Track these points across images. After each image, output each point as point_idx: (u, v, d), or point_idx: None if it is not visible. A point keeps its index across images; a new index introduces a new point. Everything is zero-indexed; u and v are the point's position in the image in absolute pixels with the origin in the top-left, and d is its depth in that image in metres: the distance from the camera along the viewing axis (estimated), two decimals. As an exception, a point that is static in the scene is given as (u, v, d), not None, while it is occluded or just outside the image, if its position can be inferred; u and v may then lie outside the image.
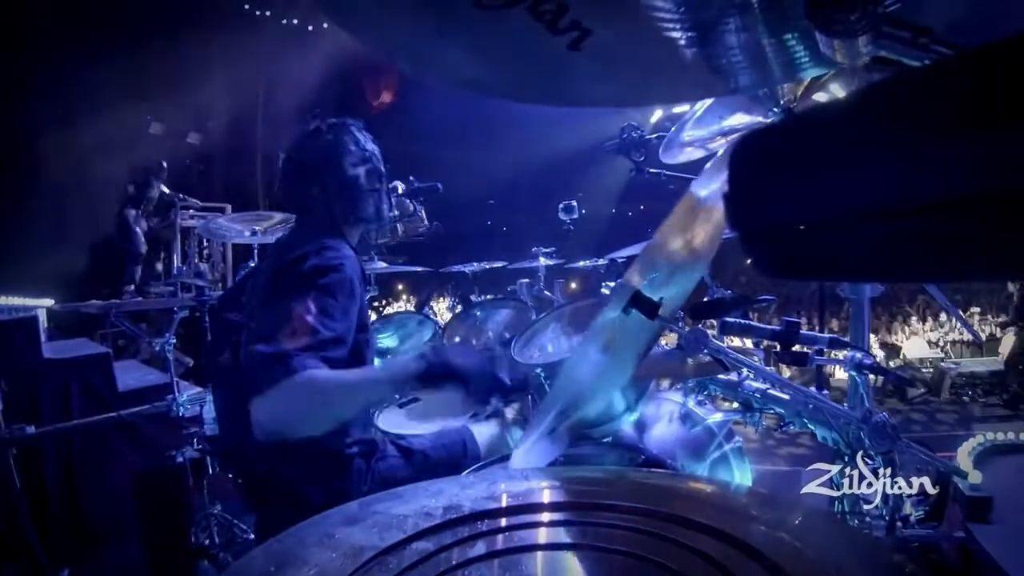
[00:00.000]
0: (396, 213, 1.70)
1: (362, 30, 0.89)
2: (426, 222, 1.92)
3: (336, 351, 1.22)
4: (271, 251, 1.47)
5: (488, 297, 3.29)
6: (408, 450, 1.52)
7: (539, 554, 0.69)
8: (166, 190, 6.66)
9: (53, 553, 2.24)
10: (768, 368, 1.42)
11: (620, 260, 3.28)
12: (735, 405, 1.81)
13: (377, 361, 2.41)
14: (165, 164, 6.72)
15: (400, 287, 8.67)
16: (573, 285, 5.53)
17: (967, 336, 5.32)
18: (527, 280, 3.69)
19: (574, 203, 3.57)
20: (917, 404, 4.60)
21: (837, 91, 1.38)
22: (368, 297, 1.52)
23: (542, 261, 3.64)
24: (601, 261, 3.64)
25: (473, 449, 1.60)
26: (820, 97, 1.41)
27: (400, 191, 1.96)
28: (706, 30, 0.79)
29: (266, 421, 1.13)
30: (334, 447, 1.37)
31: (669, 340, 2.03)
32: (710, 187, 0.99)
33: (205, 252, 7.09)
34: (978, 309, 6.02)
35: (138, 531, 2.37)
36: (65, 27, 6.21)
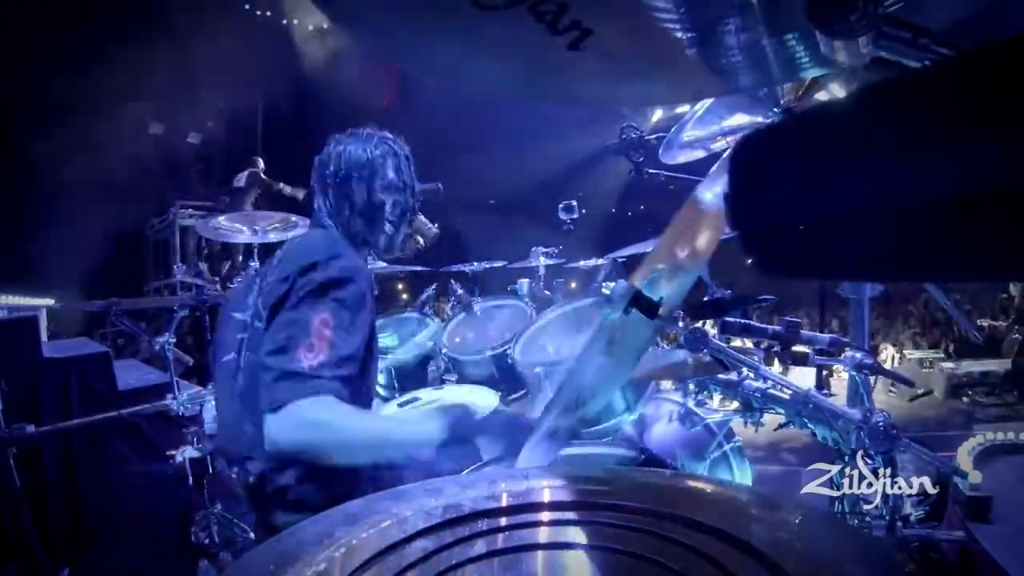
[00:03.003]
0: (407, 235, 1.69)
1: (363, 30, 0.89)
2: (435, 229, 1.92)
3: (351, 367, 1.23)
4: (282, 253, 1.46)
5: (488, 297, 3.29)
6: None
7: (539, 553, 0.69)
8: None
9: (53, 553, 2.24)
10: (767, 368, 1.42)
11: (620, 260, 3.29)
12: (735, 405, 1.81)
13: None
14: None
15: (400, 287, 8.66)
16: (573, 285, 5.52)
17: (971, 336, 5.31)
18: (527, 280, 3.70)
19: (574, 203, 3.57)
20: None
21: (837, 91, 1.37)
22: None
23: (542, 261, 3.64)
24: (601, 261, 3.65)
25: (479, 455, 1.59)
26: (820, 97, 1.41)
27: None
28: (706, 30, 0.79)
29: (278, 439, 1.14)
30: None
31: (669, 340, 2.03)
32: (714, 190, 0.99)
33: (205, 252, 7.09)
34: (971, 308, 6.02)
35: (138, 531, 2.37)
36: (65, 27, 6.22)
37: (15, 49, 5.99)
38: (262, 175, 7.10)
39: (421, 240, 1.91)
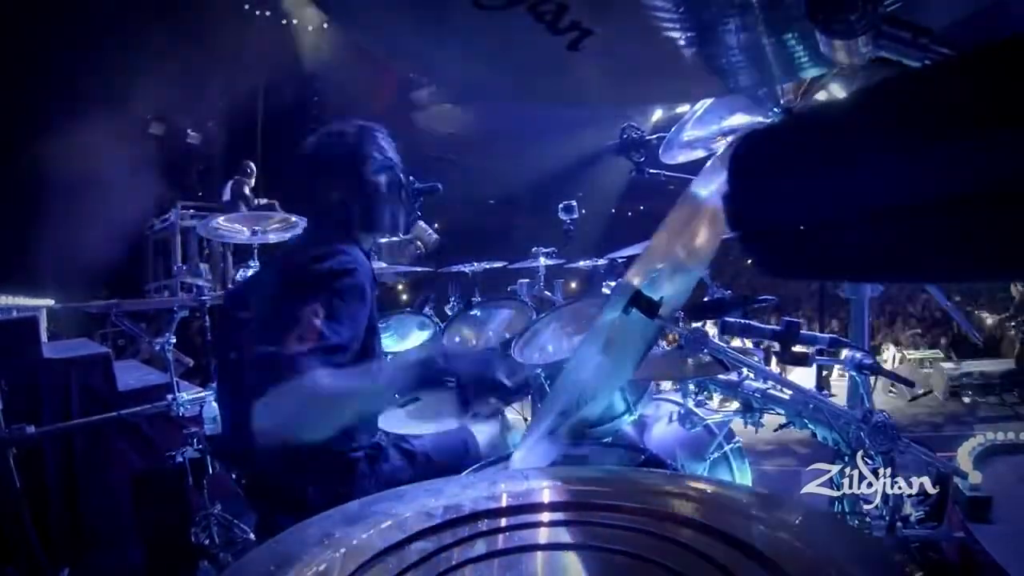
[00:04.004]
0: (414, 220, 1.69)
1: (363, 31, 0.89)
2: (435, 235, 1.93)
3: (340, 357, 1.21)
4: (283, 251, 1.46)
5: (488, 297, 3.29)
6: (411, 452, 1.52)
7: (539, 554, 0.69)
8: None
9: (53, 553, 2.24)
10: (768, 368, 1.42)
11: (620, 260, 3.29)
12: (735, 405, 1.81)
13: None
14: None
15: (400, 287, 8.66)
16: (573, 285, 5.52)
17: (971, 336, 5.31)
18: (527, 280, 3.69)
19: (574, 203, 3.56)
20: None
21: (837, 91, 1.37)
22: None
23: (542, 261, 3.64)
24: (601, 261, 3.64)
25: (474, 449, 1.60)
26: (820, 97, 1.41)
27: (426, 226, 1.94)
28: (706, 30, 0.79)
29: (267, 425, 1.13)
30: (339, 450, 1.37)
31: (669, 340, 2.03)
32: (709, 187, 0.99)
33: (205, 252, 7.08)
34: (971, 307, 6.02)
35: (138, 531, 2.36)
36: (66, 27, 6.22)
37: (15, 49, 5.98)
38: (245, 189, 6.95)
39: (422, 246, 1.92)
